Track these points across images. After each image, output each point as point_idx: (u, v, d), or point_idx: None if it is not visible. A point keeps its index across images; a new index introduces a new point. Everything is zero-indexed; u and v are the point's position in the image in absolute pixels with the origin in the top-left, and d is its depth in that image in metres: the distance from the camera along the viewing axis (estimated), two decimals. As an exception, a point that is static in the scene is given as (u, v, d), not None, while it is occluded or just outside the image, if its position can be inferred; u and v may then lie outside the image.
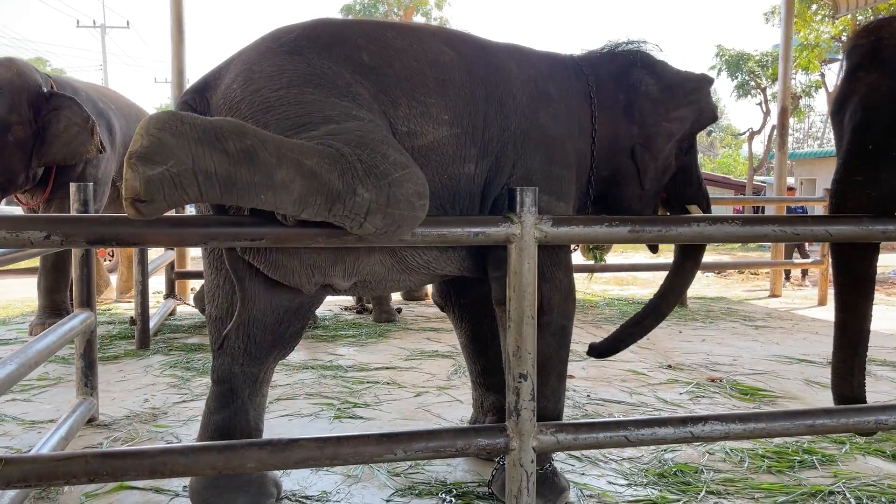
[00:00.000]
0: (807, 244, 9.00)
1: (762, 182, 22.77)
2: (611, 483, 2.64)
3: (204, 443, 2.20)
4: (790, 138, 10.62)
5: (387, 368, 4.30)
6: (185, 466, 1.91)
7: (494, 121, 2.35)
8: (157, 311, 5.44)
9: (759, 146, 22.54)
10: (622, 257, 10.82)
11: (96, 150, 4.81)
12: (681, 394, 3.80)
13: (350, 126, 1.93)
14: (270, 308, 2.28)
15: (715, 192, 22.45)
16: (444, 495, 2.49)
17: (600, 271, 7.30)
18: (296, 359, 4.39)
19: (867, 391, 2.45)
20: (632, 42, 2.77)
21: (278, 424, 3.20)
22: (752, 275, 9.77)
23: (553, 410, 2.46)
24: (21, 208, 5.34)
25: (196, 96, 2.18)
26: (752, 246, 15.82)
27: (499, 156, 2.35)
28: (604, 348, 2.81)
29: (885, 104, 2.29)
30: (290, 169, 1.68)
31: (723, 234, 2.16)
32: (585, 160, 2.60)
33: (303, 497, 2.50)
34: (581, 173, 2.59)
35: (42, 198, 5.00)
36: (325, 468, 2.69)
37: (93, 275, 3.23)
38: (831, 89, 17.00)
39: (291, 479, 2.62)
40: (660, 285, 2.86)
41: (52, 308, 5.13)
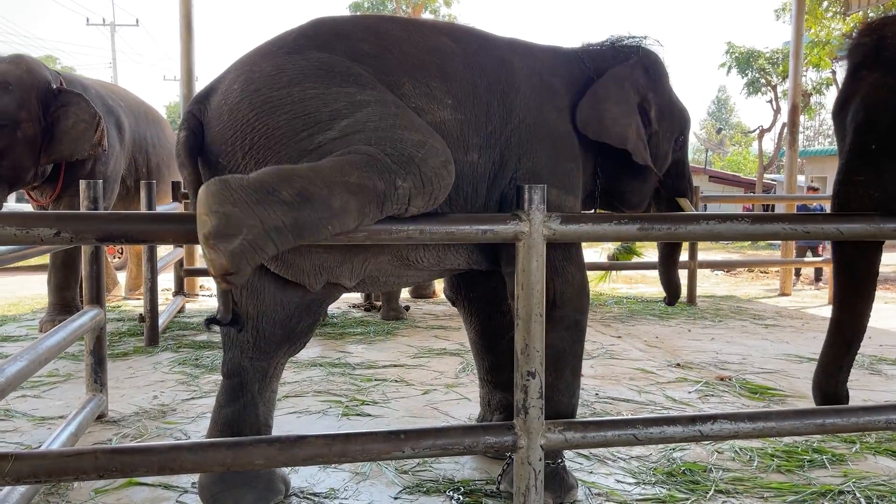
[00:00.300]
0: (821, 246, 8.87)
1: (772, 180, 22.65)
2: (619, 482, 2.63)
3: (212, 440, 2.21)
4: (801, 136, 10.56)
5: (395, 366, 4.30)
6: (193, 463, 1.92)
7: (497, 113, 2.33)
8: (165, 309, 5.46)
9: (769, 144, 22.42)
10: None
11: (99, 147, 4.81)
12: (689, 392, 3.79)
13: (360, 118, 1.96)
14: (280, 304, 2.30)
15: (725, 190, 22.41)
16: (451, 493, 2.49)
17: (609, 269, 7.29)
18: (304, 356, 4.40)
19: (880, 390, 2.44)
20: (633, 38, 2.77)
21: (286, 421, 3.21)
22: (761, 273, 9.73)
23: (568, 405, 2.46)
24: (31, 205, 5.37)
25: (199, 105, 2.19)
26: (762, 244, 15.76)
27: (503, 149, 2.33)
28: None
29: (888, 104, 2.26)
30: (342, 193, 1.75)
31: (733, 232, 2.15)
32: (590, 153, 2.60)
33: (311, 494, 2.50)
34: (586, 166, 2.59)
35: (52, 195, 5.02)
36: (334, 465, 2.69)
37: (102, 272, 3.24)
38: (842, 87, 16.79)
39: (300, 477, 2.62)
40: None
41: (62, 305, 5.15)
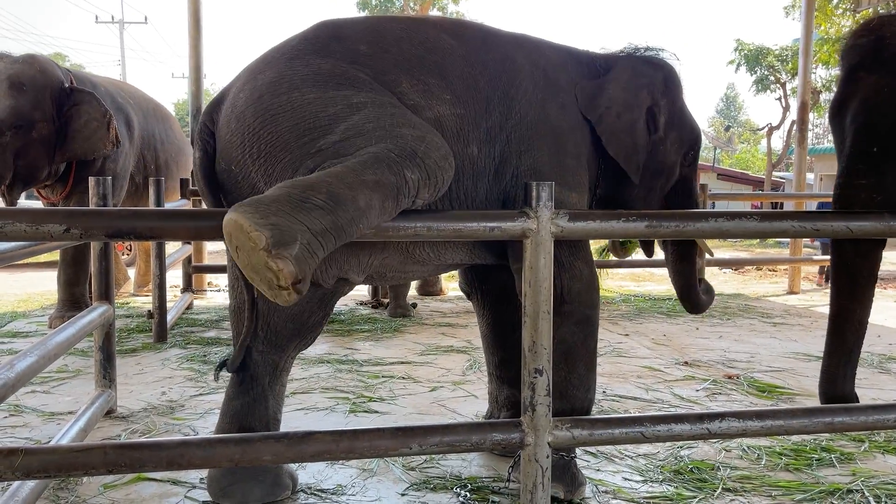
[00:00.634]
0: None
1: (781, 178, 22.55)
2: (626, 479, 2.63)
3: (220, 435, 2.22)
4: (810, 133, 10.51)
5: (402, 363, 4.31)
6: (201, 458, 1.93)
7: (497, 109, 2.34)
8: (174, 305, 5.48)
9: (777, 141, 22.34)
10: (638, 253, 10.77)
11: (112, 145, 4.86)
12: (697, 391, 3.78)
13: (358, 120, 2.00)
14: None
15: (733, 187, 22.32)
16: (459, 490, 2.50)
17: (616, 267, 7.27)
18: (311, 353, 4.41)
19: (889, 389, 2.43)
20: (651, 49, 2.74)
21: (294, 418, 3.22)
22: (770, 271, 9.68)
23: (583, 400, 2.46)
24: (42, 203, 5.41)
25: (210, 116, 2.26)
26: (771, 242, 15.69)
27: (504, 145, 2.34)
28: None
29: (889, 105, 2.23)
30: (364, 191, 1.78)
31: (741, 230, 2.14)
32: (594, 154, 2.58)
33: (318, 490, 2.51)
34: (591, 167, 2.57)
35: (63, 193, 5.07)
36: (341, 462, 2.70)
37: (111, 268, 3.26)
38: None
39: (307, 473, 2.63)
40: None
41: (72, 301, 5.18)
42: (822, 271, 8.86)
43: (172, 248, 6.33)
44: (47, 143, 4.63)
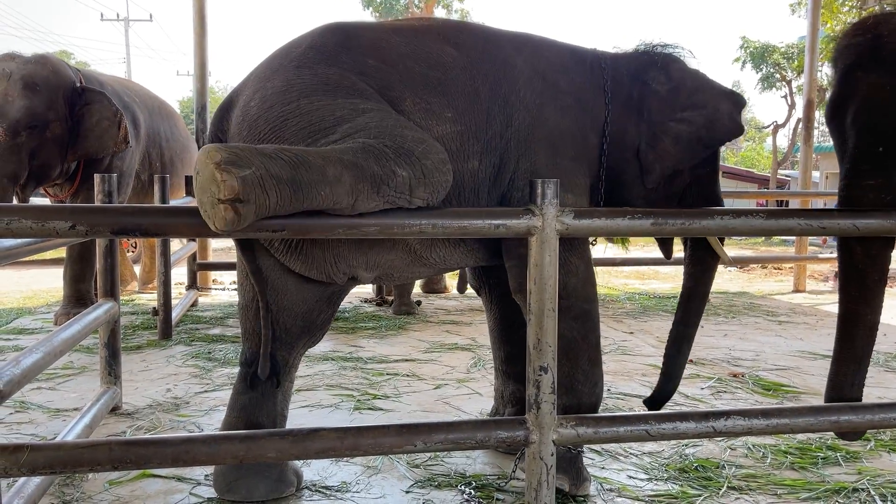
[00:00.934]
0: None
1: (786, 176, 22.48)
2: (631, 477, 2.63)
3: (225, 432, 2.23)
4: (815, 131, 10.45)
5: (406, 360, 4.31)
6: (206, 455, 1.93)
7: (498, 117, 2.38)
8: (179, 302, 5.49)
9: (783, 139, 22.29)
10: (643, 251, 10.73)
11: (122, 144, 4.93)
12: (702, 389, 3.77)
13: (363, 120, 2.07)
14: (303, 299, 2.38)
15: (738, 185, 22.26)
16: (463, 487, 2.49)
17: (621, 265, 7.26)
18: (316, 350, 4.41)
19: (895, 388, 2.40)
20: (666, 45, 2.67)
21: (299, 415, 3.22)
22: (775, 269, 9.65)
23: (590, 394, 2.46)
24: (49, 200, 5.43)
25: (219, 123, 2.34)
26: (776, 240, 15.64)
27: (503, 152, 2.38)
28: (660, 398, 2.74)
29: (891, 105, 2.18)
30: (336, 165, 1.83)
31: (747, 228, 2.13)
32: (595, 155, 2.55)
33: (323, 487, 2.51)
34: (592, 167, 2.55)
35: (70, 191, 5.13)
36: (346, 459, 2.70)
37: (117, 265, 3.27)
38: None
39: (312, 470, 2.63)
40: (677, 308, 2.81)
41: (77, 297, 5.21)
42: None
43: (177, 245, 6.34)
44: (60, 142, 4.71)
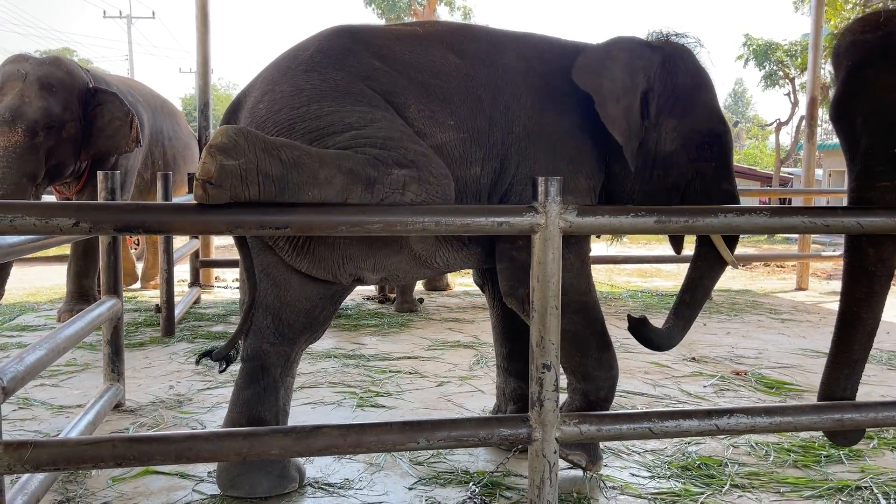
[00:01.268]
0: None
1: (789, 174, 22.44)
2: (633, 475, 2.63)
3: (228, 429, 2.24)
4: (818, 129, 10.44)
5: (409, 358, 4.31)
6: (210, 452, 1.94)
7: (499, 124, 2.41)
8: (181, 300, 5.50)
9: (786, 137, 22.25)
10: (646, 249, 10.74)
11: (134, 143, 5.01)
12: (705, 387, 3.76)
13: (370, 130, 2.15)
14: (306, 296, 2.40)
15: (741, 183, 22.22)
16: (473, 486, 2.48)
17: (623, 262, 7.25)
18: (319, 348, 4.42)
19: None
20: (677, 34, 2.64)
21: (301, 412, 3.23)
22: (778, 267, 9.64)
23: (607, 378, 2.52)
24: (55, 197, 5.47)
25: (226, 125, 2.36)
26: (779, 238, 15.61)
27: (503, 159, 2.42)
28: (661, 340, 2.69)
29: None
30: (330, 169, 1.99)
31: (751, 225, 2.12)
32: (596, 154, 2.54)
33: (325, 484, 2.52)
34: (593, 168, 2.53)
35: (77, 188, 5.19)
36: (348, 456, 2.71)
37: (119, 262, 3.28)
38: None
39: (314, 467, 2.64)
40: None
41: (81, 293, 5.24)
42: None
43: (179, 242, 6.34)
44: (74, 142, 4.80)
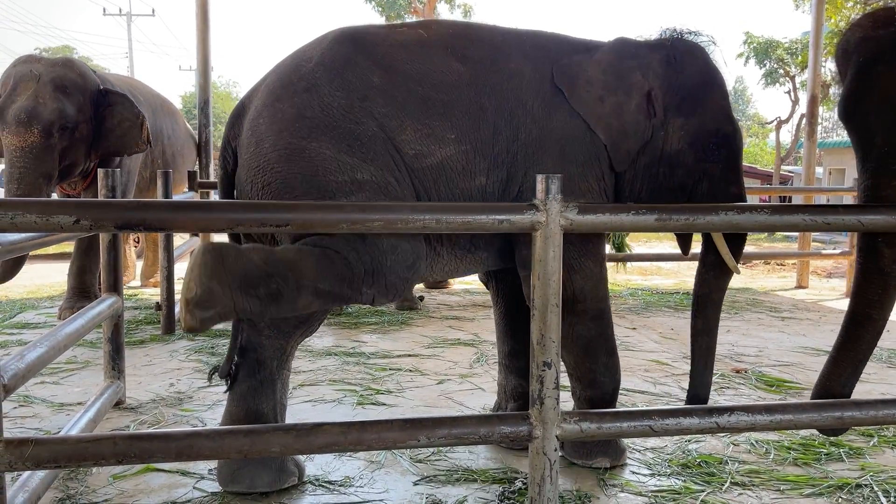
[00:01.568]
0: None
1: (790, 172, 22.42)
2: (634, 473, 2.63)
3: (229, 427, 2.23)
4: (819, 127, 10.40)
5: (409, 356, 4.31)
6: (210, 450, 1.94)
7: (504, 131, 2.40)
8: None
9: (786, 135, 22.23)
10: (646, 247, 10.73)
11: (144, 144, 5.06)
12: (705, 384, 3.76)
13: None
14: None
15: (741, 181, 22.19)
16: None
17: (624, 261, 7.25)
18: (319, 345, 4.42)
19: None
20: (690, 32, 2.62)
21: (302, 410, 3.23)
22: (778, 265, 9.63)
23: (611, 383, 2.61)
24: (57, 193, 5.47)
25: (232, 131, 2.45)
26: (779, 236, 15.61)
27: (510, 166, 2.41)
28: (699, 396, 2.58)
29: None
30: (308, 296, 2.12)
31: (752, 223, 2.12)
32: (606, 156, 2.52)
33: (326, 482, 2.52)
34: (603, 170, 2.53)
35: (83, 185, 5.23)
36: (349, 454, 2.71)
37: (120, 260, 3.29)
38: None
39: (315, 465, 2.64)
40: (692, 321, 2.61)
41: (82, 290, 5.25)
42: None
43: (179, 240, 6.34)
44: (86, 142, 4.85)
